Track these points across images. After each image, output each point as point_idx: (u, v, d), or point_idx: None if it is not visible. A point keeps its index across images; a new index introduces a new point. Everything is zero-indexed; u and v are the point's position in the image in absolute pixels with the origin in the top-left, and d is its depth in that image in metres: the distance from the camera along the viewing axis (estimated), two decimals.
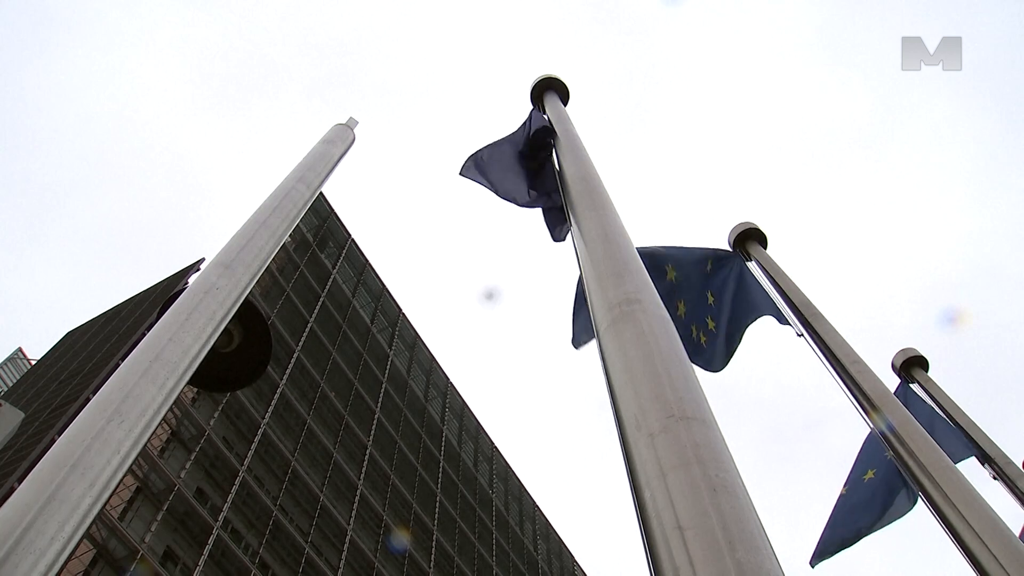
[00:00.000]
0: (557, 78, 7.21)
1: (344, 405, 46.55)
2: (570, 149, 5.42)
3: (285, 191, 4.52)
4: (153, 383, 2.66)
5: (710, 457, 2.12)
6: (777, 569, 1.81)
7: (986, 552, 3.99)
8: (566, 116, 6.40)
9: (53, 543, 2.08)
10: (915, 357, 8.81)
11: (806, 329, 6.55)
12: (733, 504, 1.96)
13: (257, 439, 37.51)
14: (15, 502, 2.16)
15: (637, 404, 2.41)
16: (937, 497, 4.51)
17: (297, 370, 43.35)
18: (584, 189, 4.51)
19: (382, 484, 46.69)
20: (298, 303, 46.03)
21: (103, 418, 2.46)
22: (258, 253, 3.80)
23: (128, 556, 28.25)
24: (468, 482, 57.99)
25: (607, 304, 3.04)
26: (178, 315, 3.07)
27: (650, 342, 2.70)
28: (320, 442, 42.73)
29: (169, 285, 42.88)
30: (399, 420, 52.20)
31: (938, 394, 8.17)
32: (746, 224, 8.27)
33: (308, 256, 49.66)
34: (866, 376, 5.69)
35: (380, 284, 59.06)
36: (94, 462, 2.31)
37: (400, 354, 57.85)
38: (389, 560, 43.12)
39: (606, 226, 3.85)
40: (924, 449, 4.87)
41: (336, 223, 55.25)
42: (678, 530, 1.90)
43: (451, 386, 63.46)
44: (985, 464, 7.33)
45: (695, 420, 2.27)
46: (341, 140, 5.67)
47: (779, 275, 7.33)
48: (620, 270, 3.30)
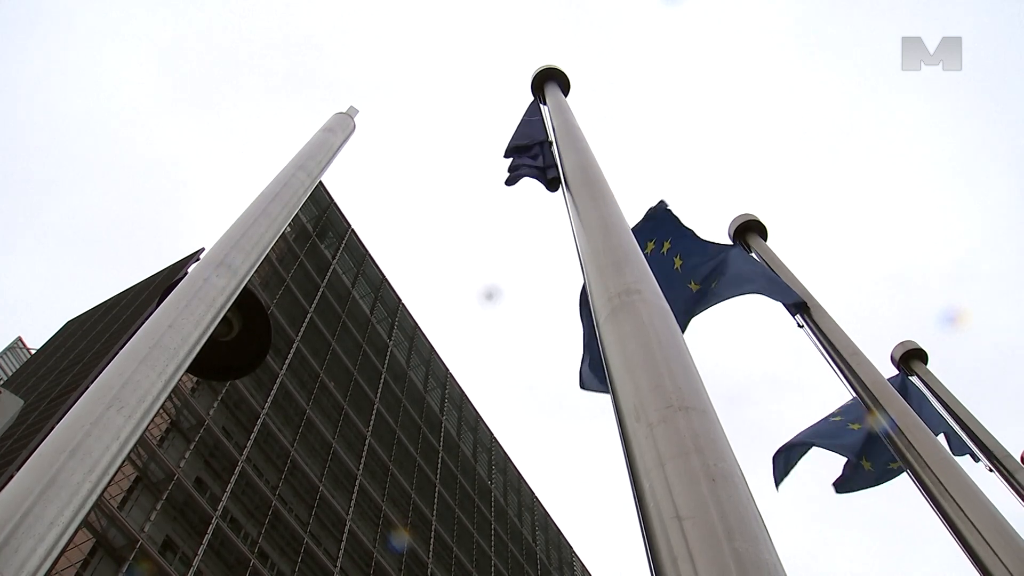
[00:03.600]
0: (558, 69, 7.20)
1: (343, 395, 46.59)
2: (570, 140, 5.41)
3: (285, 179, 4.51)
4: (152, 369, 2.66)
5: (709, 447, 2.12)
6: (775, 559, 1.82)
7: (983, 544, 4.00)
8: (566, 107, 6.40)
9: (52, 528, 2.09)
10: (914, 350, 8.81)
11: (806, 320, 6.56)
12: (732, 494, 1.97)
13: (256, 429, 37.55)
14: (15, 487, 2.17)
15: (636, 394, 2.42)
16: (935, 489, 4.52)
17: (296, 360, 43.37)
18: (584, 179, 4.51)
19: (381, 474, 46.78)
20: (298, 293, 46.01)
21: (103, 404, 2.46)
22: (258, 241, 3.80)
23: (127, 545, 28.31)
24: (467, 473, 58.11)
25: (607, 294, 3.04)
26: (178, 302, 3.07)
27: (649, 332, 2.70)
28: (319, 432, 42.79)
29: (169, 274, 42.83)
30: (398, 411, 52.27)
31: (937, 387, 8.17)
32: (746, 216, 8.27)
33: (308, 246, 49.62)
34: (865, 368, 5.70)
35: (380, 275, 59.04)
36: (93, 448, 2.31)
37: (399, 345, 57.89)
38: (388, 550, 43.25)
39: (606, 217, 3.85)
40: (922, 441, 4.88)
41: (336, 213, 55.19)
42: (677, 520, 1.91)
43: (450, 377, 63.53)
44: (983, 457, 7.34)
45: (694, 410, 2.27)
46: (341, 129, 5.66)
47: (779, 267, 7.34)
48: (620, 260, 3.30)
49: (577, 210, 4.14)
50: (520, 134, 6.83)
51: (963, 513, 4.21)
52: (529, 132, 6.73)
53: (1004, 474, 6.90)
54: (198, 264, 3.56)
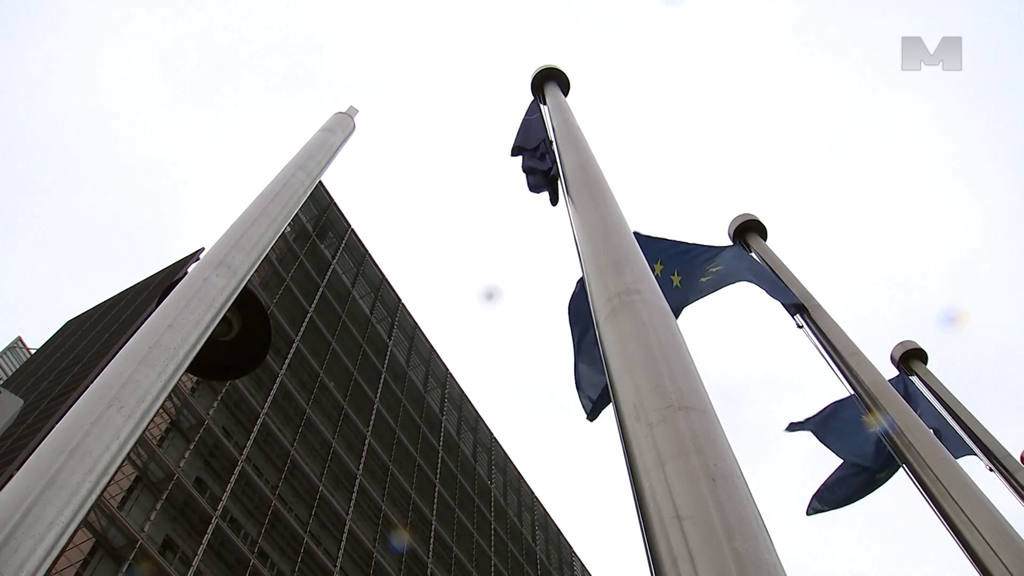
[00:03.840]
0: (558, 68, 7.20)
1: (343, 395, 46.58)
2: (570, 140, 5.41)
3: (285, 179, 4.51)
4: (152, 369, 2.66)
5: (709, 447, 2.12)
6: (775, 558, 1.82)
7: (983, 543, 4.00)
8: (566, 106, 6.40)
9: (52, 527, 2.09)
10: (914, 350, 8.82)
11: (806, 320, 6.56)
12: (731, 494, 1.97)
13: (256, 429, 37.54)
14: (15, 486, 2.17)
15: (636, 394, 2.42)
16: (935, 489, 4.52)
17: (296, 360, 43.36)
18: (584, 179, 4.50)
19: (381, 474, 46.77)
20: (297, 293, 46.01)
21: (102, 404, 2.46)
22: (258, 241, 3.79)
23: (127, 545, 28.30)
24: (467, 473, 58.10)
25: (607, 294, 3.04)
26: (177, 302, 3.07)
27: (649, 332, 2.70)
28: (319, 432, 42.78)
29: (169, 274, 42.81)
30: (398, 410, 52.26)
31: (937, 387, 8.18)
32: (746, 216, 8.27)
33: (308, 246, 49.62)
34: (865, 368, 5.70)
35: (380, 275, 59.04)
36: (93, 447, 2.31)
37: (399, 344, 57.88)
38: (388, 550, 43.25)
39: (606, 217, 3.85)
40: (922, 441, 4.88)
41: (336, 213, 55.19)
42: (676, 519, 1.91)
43: (450, 377, 63.52)
44: (983, 457, 7.34)
45: (694, 410, 2.27)
46: (341, 129, 5.66)
47: (779, 267, 7.34)
48: (620, 260, 3.30)
49: (577, 210, 4.14)
50: (524, 133, 6.89)
51: (963, 513, 4.20)
52: (532, 131, 6.78)
53: (1004, 474, 6.90)
54: (198, 264, 3.55)
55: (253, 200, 4.22)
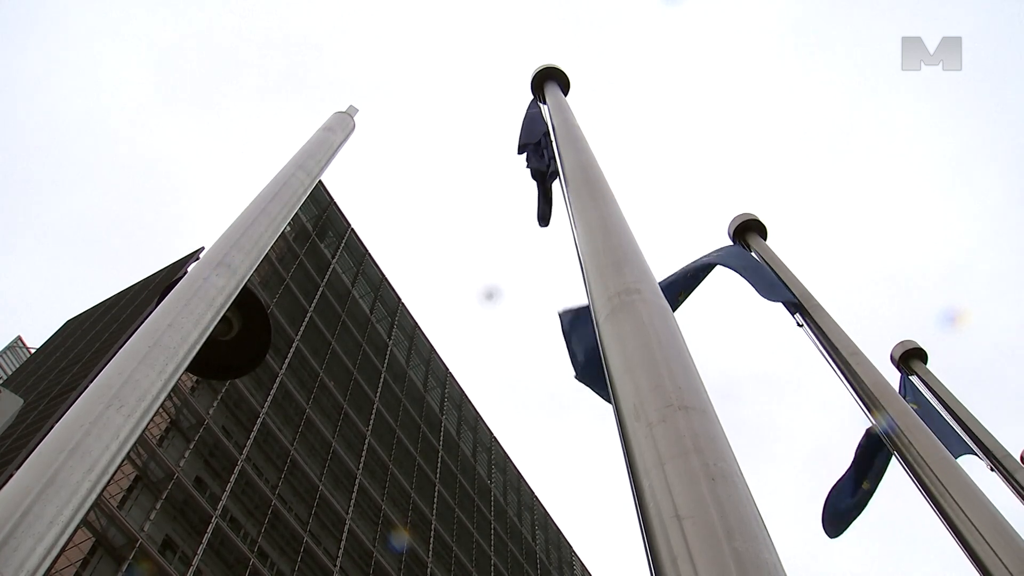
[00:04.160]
0: (558, 68, 7.20)
1: (343, 395, 46.58)
2: (570, 139, 5.40)
3: (284, 179, 4.51)
4: (152, 368, 2.66)
5: (708, 447, 2.12)
6: (775, 558, 1.82)
7: (983, 543, 4.00)
8: (566, 106, 6.39)
9: (52, 527, 2.08)
10: (914, 349, 8.82)
11: (806, 320, 6.55)
12: (731, 493, 1.97)
13: (256, 428, 37.54)
14: (15, 486, 2.17)
15: (636, 393, 2.41)
16: (935, 490, 4.52)
17: (296, 359, 43.36)
18: (584, 179, 4.50)
19: (381, 474, 46.78)
20: (297, 292, 46.00)
21: (102, 403, 2.46)
22: (257, 241, 3.79)
23: (127, 545, 28.30)
24: (467, 472, 58.10)
25: (607, 294, 3.04)
26: (177, 301, 3.06)
27: (649, 332, 2.70)
28: (319, 432, 42.78)
29: (168, 274, 42.80)
30: (398, 410, 52.26)
31: (937, 387, 8.18)
32: (746, 215, 8.27)
33: (308, 245, 49.61)
34: (865, 368, 5.70)
35: (380, 274, 59.03)
36: (93, 447, 2.31)
37: (399, 344, 57.88)
38: (387, 550, 43.26)
39: (606, 216, 3.85)
40: (922, 441, 4.87)
41: (336, 213, 55.18)
42: (676, 519, 1.91)
43: (450, 376, 63.52)
44: (983, 457, 7.34)
45: (694, 410, 2.27)
46: (341, 128, 5.66)
47: (779, 266, 7.33)
48: (620, 260, 3.30)
49: (577, 210, 4.13)
50: (527, 129, 6.94)
51: (963, 513, 4.20)
52: (535, 125, 6.83)
53: (1004, 474, 6.91)
54: (198, 263, 3.55)
55: (253, 200, 4.22)
